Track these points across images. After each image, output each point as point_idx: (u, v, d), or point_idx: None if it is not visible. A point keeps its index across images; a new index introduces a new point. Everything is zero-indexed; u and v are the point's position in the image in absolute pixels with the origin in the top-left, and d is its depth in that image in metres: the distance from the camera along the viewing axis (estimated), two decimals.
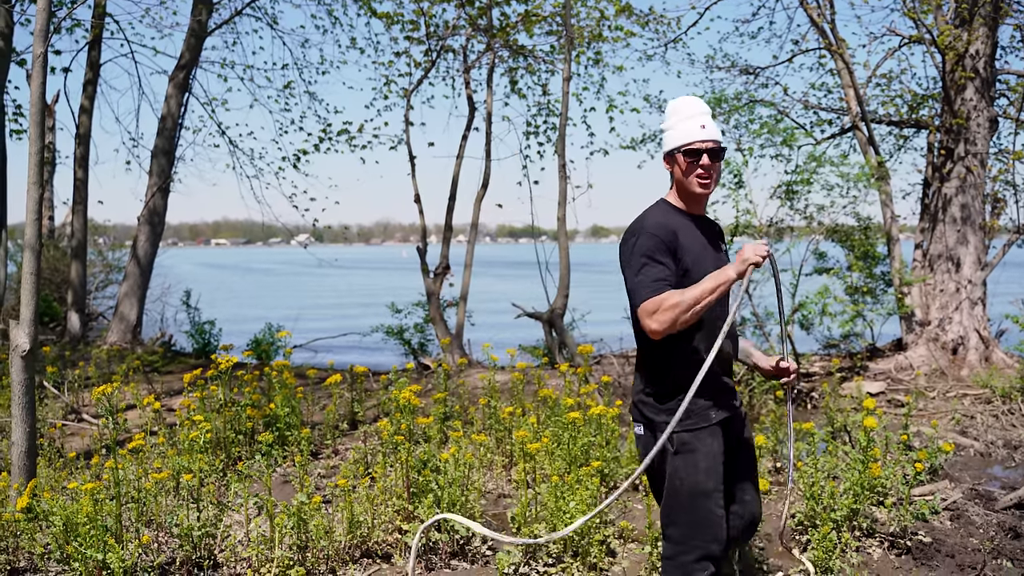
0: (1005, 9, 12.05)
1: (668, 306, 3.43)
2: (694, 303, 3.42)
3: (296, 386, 7.80)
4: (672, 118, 3.81)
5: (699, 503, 3.65)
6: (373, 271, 76.90)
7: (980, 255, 11.94)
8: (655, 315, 3.44)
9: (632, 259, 3.59)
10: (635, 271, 3.56)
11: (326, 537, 5.12)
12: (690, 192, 3.76)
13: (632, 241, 3.63)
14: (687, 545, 3.68)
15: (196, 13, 14.30)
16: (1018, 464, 8.13)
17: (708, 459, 3.68)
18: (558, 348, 12.41)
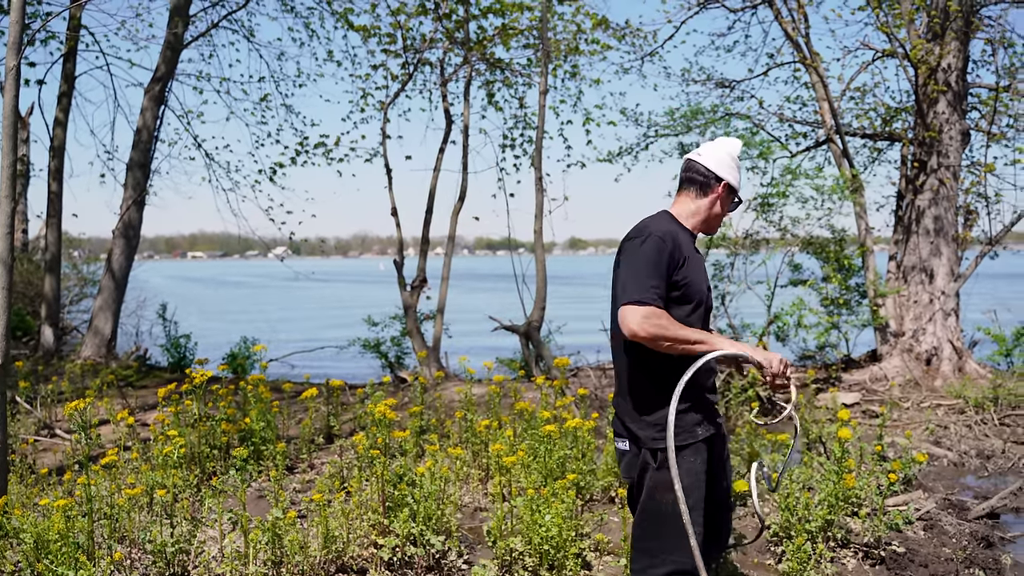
0: (976, 24, 12.19)
1: (660, 324, 3.48)
2: (679, 339, 3.50)
3: (272, 400, 7.75)
4: (735, 158, 3.96)
5: (674, 521, 3.60)
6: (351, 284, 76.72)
7: (953, 267, 12.04)
8: (645, 320, 3.46)
9: (636, 258, 3.62)
10: (636, 270, 3.58)
11: (301, 552, 5.08)
12: (713, 220, 3.96)
13: (639, 241, 3.66)
14: (660, 559, 3.68)
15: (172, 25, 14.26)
16: (991, 474, 8.19)
17: (690, 476, 3.68)
18: (535, 361, 12.42)
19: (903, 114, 13.89)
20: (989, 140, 12.83)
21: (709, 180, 3.89)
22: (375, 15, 13.87)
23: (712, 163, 3.89)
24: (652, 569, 3.71)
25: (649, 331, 3.46)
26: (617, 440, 3.90)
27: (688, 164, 3.95)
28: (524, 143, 14.69)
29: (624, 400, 3.82)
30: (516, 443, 6.69)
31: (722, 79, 15.04)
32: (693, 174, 3.92)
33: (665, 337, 3.48)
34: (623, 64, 14.99)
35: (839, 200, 12.12)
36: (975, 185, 12.68)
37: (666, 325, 3.48)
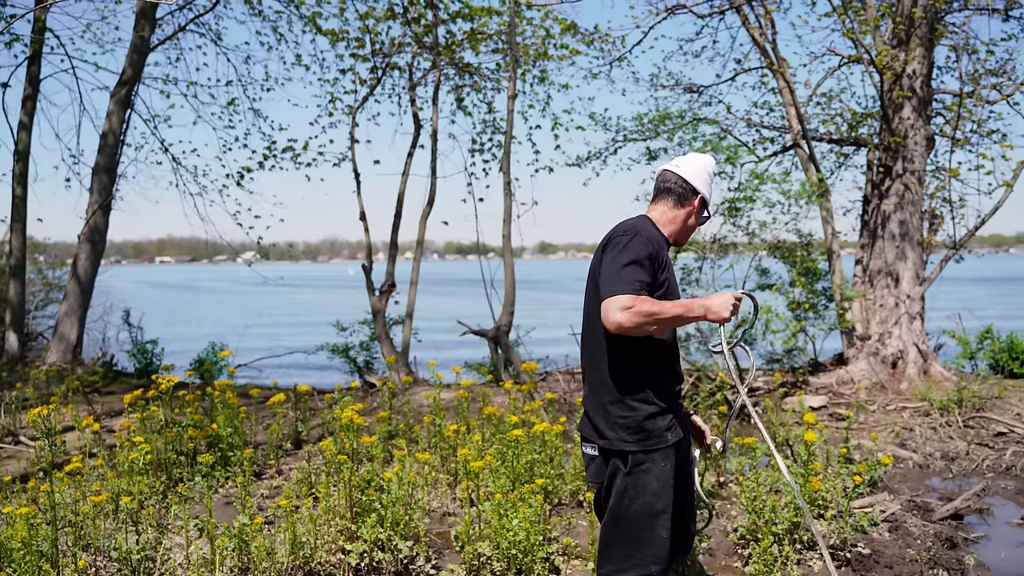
0: (940, 31, 12.31)
1: (642, 310, 3.44)
2: (663, 316, 3.47)
3: (239, 406, 7.71)
4: (711, 173, 4.05)
5: (645, 524, 3.68)
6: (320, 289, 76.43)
7: (918, 270, 12.15)
8: (627, 311, 3.43)
9: (621, 254, 3.62)
10: (620, 265, 3.58)
11: (268, 558, 5.06)
12: (686, 231, 4.03)
13: (625, 240, 3.67)
14: (627, 564, 3.71)
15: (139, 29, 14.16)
16: (955, 475, 8.27)
17: (660, 480, 3.71)
18: (504, 365, 12.41)
19: (869, 119, 14.00)
20: (953, 145, 12.97)
21: (687, 192, 3.96)
22: (343, 19, 13.85)
23: (691, 176, 3.96)
24: (619, 574, 3.72)
25: (633, 322, 3.44)
26: (585, 445, 3.91)
27: (666, 175, 4.01)
28: (493, 148, 14.70)
29: (596, 401, 3.82)
30: (484, 448, 6.68)
31: (690, 84, 15.11)
32: (672, 185, 3.98)
33: (650, 321, 3.46)
34: (592, 69, 15.04)
35: (806, 205, 12.21)
36: (940, 190, 12.82)
37: (649, 307, 3.46)
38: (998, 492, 7.71)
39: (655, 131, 14.11)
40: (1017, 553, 6.16)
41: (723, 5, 13.46)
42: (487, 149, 14.74)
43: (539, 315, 26.22)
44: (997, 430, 9.67)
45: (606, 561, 3.79)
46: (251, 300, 59.96)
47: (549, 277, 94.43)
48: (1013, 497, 7.57)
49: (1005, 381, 12.70)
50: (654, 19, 13.60)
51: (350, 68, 14.19)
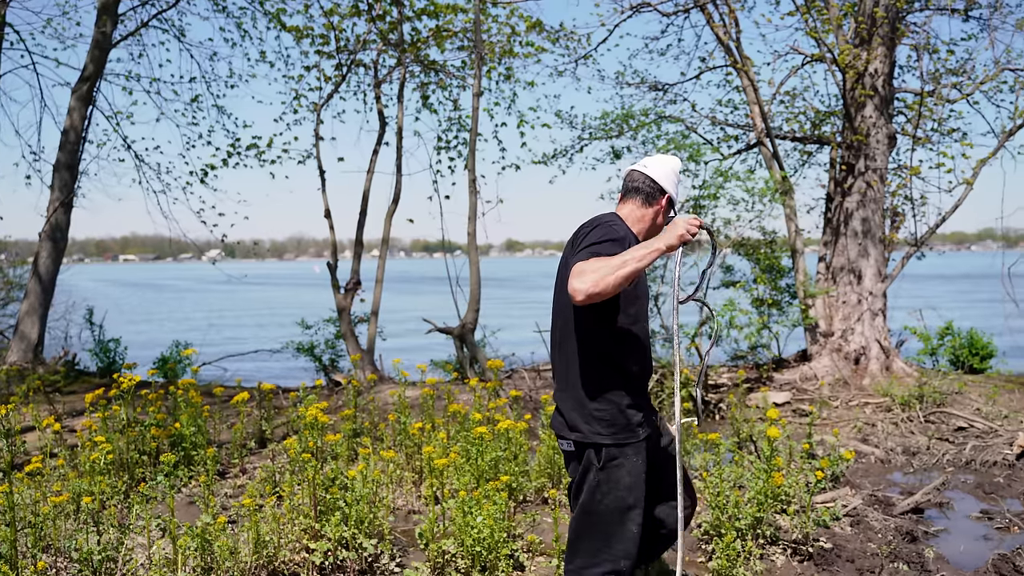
0: (902, 30, 12.44)
1: (594, 267, 3.42)
2: (621, 265, 3.42)
3: (203, 405, 7.66)
4: (677, 174, 4.14)
5: (616, 519, 3.74)
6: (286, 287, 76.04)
7: (880, 267, 12.27)
8: (582, 276, 3.41)
9: (592, 237, 3.68)
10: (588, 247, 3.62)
11: (231, 558, 5.02)
12: (651, 229, 4.05)
13: (598, 231, 3.73)
14: (596, 559, 3.75)
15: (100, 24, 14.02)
16: (916, 470, 8.36)
17: (632, 475, 3.77)
18: (469, 363, 12.41)
19: (832, 118, 14.12)
20: (915, 144, 13.11)
21: (655, 192, 4.05)
22: (308, 16, 13.78)
23: (659, 176, 4.05)
24: (588, 570, 3.76)
25: (588, 283, 3.39)
26: (561, 441, 3.95)
27: (634, 175, 4.09)
28: (459, 145, 14.68)
29: (569, 396, 3.86)
30: (449, 445, 6.68)
31: (655, 82, 15.17)
32: (640, 184, 4.06)
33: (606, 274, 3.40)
34: (557, 67, 15.04)
35: (769, 202, 12.29)
36: (901, 188, 12.95)
37: (612, 263, 3.43)
38: (958, 486, 7.81)
39: (620, 129, 14.14)
40: (976, 546, 6.24)
41: (687, 3, 13.51)
42: (453, 147, 14.73)
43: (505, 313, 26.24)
44: (957, 425, 9.79)
45: (575, 555, 3.82)
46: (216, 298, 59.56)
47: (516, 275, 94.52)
48: (972, 491, 7.66)
49: (965, 377, 12.86)
50: (619, 17, 13.63)
51: (315, 65, 14.13)
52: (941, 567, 5.68)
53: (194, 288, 77.50)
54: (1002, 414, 10.25)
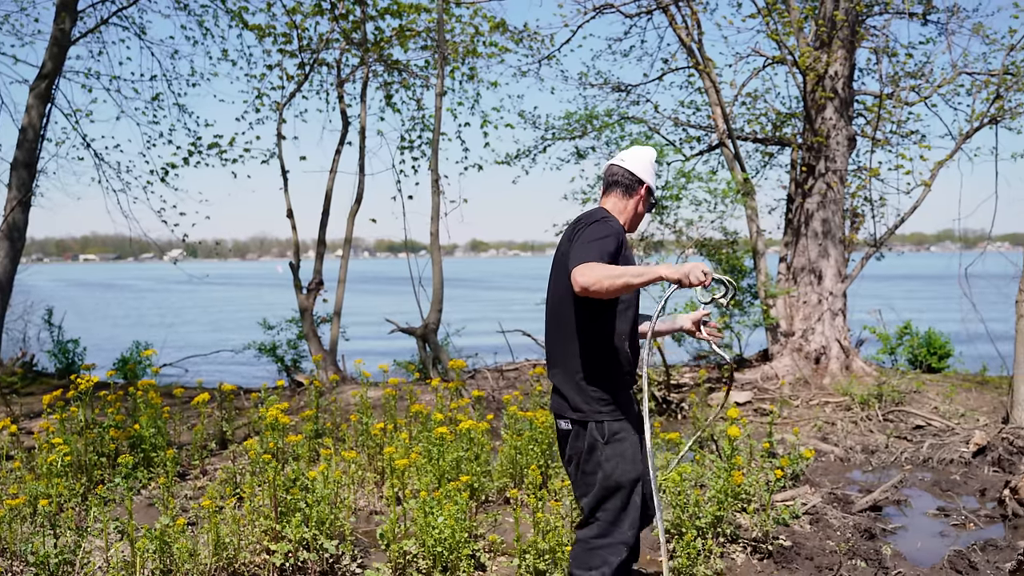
0: (861, 33, 12.57)
1: (602, 270, 3.59)
2: (622, 275, 3.58)
3: (163, 406, 7.59)
4: (653, 164, 4.31)
5: (625, 491, 3.94)
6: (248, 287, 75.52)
7: (840, 268, 12.39)
8: (588, 272, 3.60)
9: (590, 234, 3.83)
10: (589, 240, 3.79)
11: (191, 560, 4.98)
12: (636, 219, 4.30)
13: (596, 225, 3.89)
14: (610, 529, 3.95)
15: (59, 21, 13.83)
16: (875, 468, 8.45)
17: (633, 447, 3.99)
18: (432, 363, 12.39)
19: (793, 119, 14.24)
20: (874, 145, 13.25)
21: (633, 183, 4.22)
22: (271, 14, 13.69)
23: (636, 168, 4.22)
24: (600, 540, 3.95)
25: (591, 279, 3.58)
26: (559, 421, 4.11)
27: (613, 169, 4.27)
28: (422, 145, 14.66)
29: (567, 379, 4.03)
30: (411, 446, 6.67)
31: (618, 83, 15.22)
32: (619, 177, 4.23)
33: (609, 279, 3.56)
34: (521, 67, 15.06)
35: (731, 203, 12.38)
36: (861, 189, 13.09)
37: (608, 271, 3.60)
38: (915, 484, 7.90)
39: (583, 130, 14.18)
40: (932, 543, 6.32)
41: (650, 5, 13.58)
42: (416, 146, 14.70)
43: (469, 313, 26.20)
44: (915, 423, 9.91)
45: (591, 527, 4.00)
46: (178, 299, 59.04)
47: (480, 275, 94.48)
48: (929, 488, 7.76)
49: (923, 375, 13.02)
50: (582, 18, 13.67)
51: (277, 64, 14.04)
52: (898, 564, 5.74)
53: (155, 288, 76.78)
54: (959, 412, 10.40)
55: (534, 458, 6.72)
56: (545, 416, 6.79)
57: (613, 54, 15.54)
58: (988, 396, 11.51)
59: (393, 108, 14.68)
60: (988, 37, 13.29)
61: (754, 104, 14.89)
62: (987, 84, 13.08)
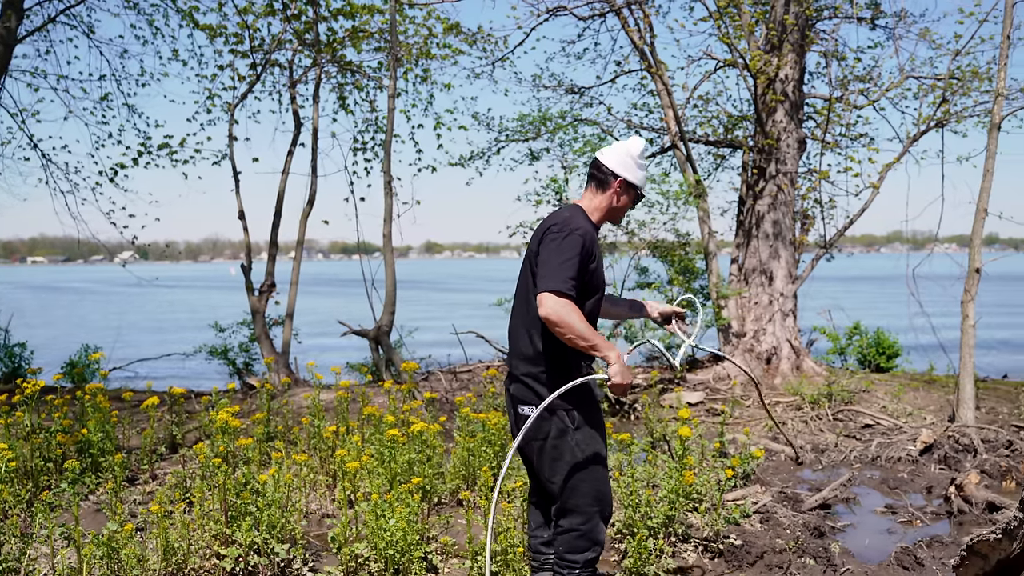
0: (811, 37, 12.71)
1: (572, 319, 3.84)
2: (578, 335, 3.85)
3: (111, 410, 7.49)
4: (636, 157, 4.31)
5: (599, 473, 4.14)
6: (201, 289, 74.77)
7: (791, 269, 12.52)
8: (559, 308, 3.83)
9: (560, 250, 3.97)
10: (561, 260, 3.94)
11: (139, 566, 4.92)
12: (613, 212, 4.36)
13: (563, 235, 4.00)
14: (591, 512, 4.15)
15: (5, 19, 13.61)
16: (824, 467, 8.55)
17: (601, 430, 4.21)
18: (385, 365, 12.35)
19: (744, 122, 14.36)
20: (823, 148, 13.41)
21: (607, 177, 4.28)
22: (222, 14, 13.57)
23: (611, 161, 4.28)
24: (587, 524, 4.14)
25: (560, 321, 3.83)
26: (522, 407, 4.18)
27: (593, 161, 4.35)
28: (375, 146, 14.60)
29: (533, 370, 4.15)
30: (364, 448, 6.64)
31: (572, 85, 15.26)
32: (595, 171, 4.32)
33: (571, 332, 3.84)
34: (475, 69, 15.05)
35: (684, 205, 12.46)
36: (811, 191, 13.24)
37: (575, 321, 3.84)
38: (864, 482, 8.01)
39: (537, 131, 14.21)
40: (880, 540, 6.41)
41: (603, 8, 13.64)
42: (369, 148, 14.64)
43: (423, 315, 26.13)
44: (864, 422, 10.04)
45: (573, 516, 4.15)
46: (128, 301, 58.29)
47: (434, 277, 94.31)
48: (878, 486, 7.87)
49: (872, 375, 13.20)
50: (536, 20, 13.69)
51: (229, 64, 13.92)
52: (847, 561, 5.81)
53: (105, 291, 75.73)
54: (907, 411, 10.55)
55: (487, 460, 6.72)
56: (498, 418, 6.79)
57: (567, 56, 15.59)
58: (935, 395, 11.69)
59: (346, 110, 14.62)
60: (934, 42, 13.51)
61: (706, 107, 15.01)
62: (933, 88, 13.29)
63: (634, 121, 15.05)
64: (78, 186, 15.45)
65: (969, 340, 9.46)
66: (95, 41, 15.62)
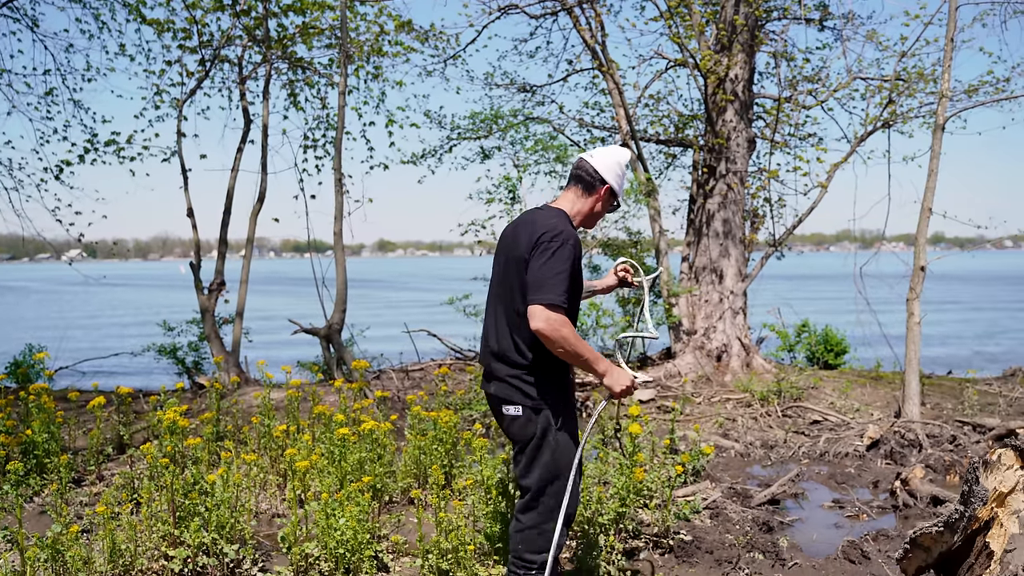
0: (761, 38, 12.84)
1: (565, 334, 3.89)
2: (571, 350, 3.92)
3: (56, 410, 7.36)
4: (622, 166, 4.35)
5: (572, 471, 4.14)
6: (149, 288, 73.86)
7: (741, 267, 12.64)
8: (553, 322, 3.87)
9: (553, 261, 3.96)
10: (554, 272, 3.94)
11: (85, 568, 4.85)
12: (593, 218, 4.37)
13: (557, 244, 3.99)
14: (554, 513, 4.17)
15: None
16: (774, 462, 8.64)
17: (576, 430, 4.27)
18: (336, 364, 12.28)
19: (694, 121, 14.47)
20: (773, 147, 13.57)
21: (595, 182, 4.27)
22: (170, 8, 13.39)
23: (601, 167, 4.27)
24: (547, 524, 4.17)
25: (554, 336, 3.87)
26: (508, 407, 4.19)
27: (580, 162, 4.33)
28: (326, 144, 14.50)
29: (515, 370, 4.16)
30: (314, 447, 6.59)
31: (524, 84, 15.29)
32: (582, 173, 4.30)
33: (565, 347, 3.90)
34: (426, 67, 15.02)
35: (635, 203, 12.52)
36: (760, 190, 13.37)
37: (568, 336, 3.89)
38: (812, 477, 8.10)
39: (489, 129, 14.21)
40: (827, 534, 6.49)
41: (555, 6, 13.67)
42: (320, 145, 14.54)
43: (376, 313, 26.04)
44: (812, 418, 10.17)
45: (533, 512, 4.19)
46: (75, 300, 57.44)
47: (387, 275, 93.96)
48: (825, 481, 7.96)
49: (820, 372, 13.36)
50: (487, 18, 13.70)
51: (177, 60, 13.75)
52: (795, 555, 5.88)
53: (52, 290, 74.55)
54: (854, 407, 10.70)
55: (438, 458, 6.70)
56: (449, 416, 6.78)
57: (519, 55, 15.61)
58: (882, 391, 11.87)
59: (297, 107, 14.51)
60: (881, 44, 13.73)
61: (657, 106, 15.10)
62: (880, 89, 13.49)
63: (586, 120, 15.12)
64: (22, 183, 15.18)
65: (915, 337, 9.62)
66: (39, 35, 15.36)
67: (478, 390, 9.59)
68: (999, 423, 9.36)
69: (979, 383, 12.53)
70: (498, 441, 7.45)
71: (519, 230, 4.17)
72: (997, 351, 22.71)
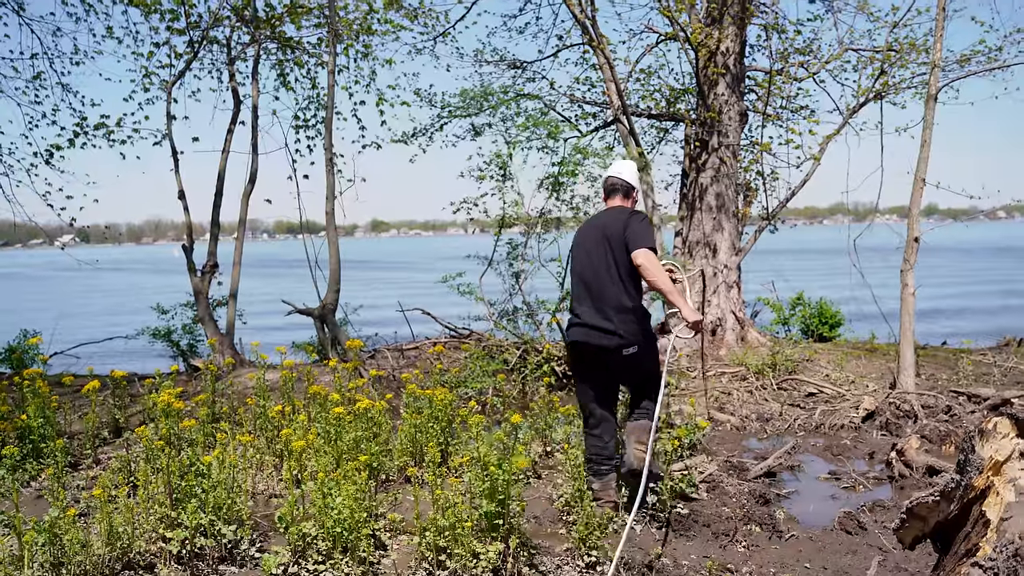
0: (751, 10, 12.77)
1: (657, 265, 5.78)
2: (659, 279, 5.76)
3: (51, 395, 7.35)
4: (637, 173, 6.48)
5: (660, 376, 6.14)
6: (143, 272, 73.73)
7: (734, 241, 12.62)
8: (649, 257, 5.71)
9: (644, 224, 5.91)
10: (647, 232, 5.85)
11: (82, 552, 4.85)
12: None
13: (641, 216, 6.01)
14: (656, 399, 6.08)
15: None
16: (769, 435, 8.67)
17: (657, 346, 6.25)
18: (331, 344, 12.26)
19: (686, 95, 14.41)
20: (765, 120, 13.51)
21: (630, 189, 6.28)
22: None
23: (629, 178, 6.28)
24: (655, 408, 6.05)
25: (652, 267, 5.70)
26: (627, 349, 5.85)
27: (613, 180, 6.26)
28: (317, 124, 14.42)
29: (623, 314, 5.88)
30: (309, 427, 6.59)
31: (514, 60, 15.20)
32: (619, 185, 6.24)
33: (656, 275, 5.72)
34: (416, 44, 14.95)
35: None
36: (753, 163, 13.33)
37: (659, 268, 5.79)
38: (808, 449, 8.13)
39: (479, 107, 14.13)
40: (823, 506, 6.52)
41: None
42: (311, 125, 14.45)
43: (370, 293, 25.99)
44: (808, 391, 10.18)
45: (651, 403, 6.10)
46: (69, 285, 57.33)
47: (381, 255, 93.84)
48: (821, 453, 7.99)
49: (815, 345, 13.37)
50: None
51: (165, 42, 13.61)
52: (792, 527, 5.91)
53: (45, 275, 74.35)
54: (849, 379, 10.71)
55: (433, 436, 6.71)
56: (444, 394, 6.78)
57: (508, 31, 15.52)
58: (877, 363, 11.89)
59: (287, 87, 14.40)
60: (873, 15, 13.66)
61: (648, 80, 15.04)
62: (872, 60, 13.44)
63: (576, 95, 15.05)
64: (13, 168, 15.08)
65: (909, 308, 9.62)
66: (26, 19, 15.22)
67: (472, 367, 9.59)
68: (994, 393, 9.39)
69: (974, 353, 12.55)
70: (494, 419, 7.45)
71: (606, 221, 6.03)
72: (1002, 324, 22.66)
